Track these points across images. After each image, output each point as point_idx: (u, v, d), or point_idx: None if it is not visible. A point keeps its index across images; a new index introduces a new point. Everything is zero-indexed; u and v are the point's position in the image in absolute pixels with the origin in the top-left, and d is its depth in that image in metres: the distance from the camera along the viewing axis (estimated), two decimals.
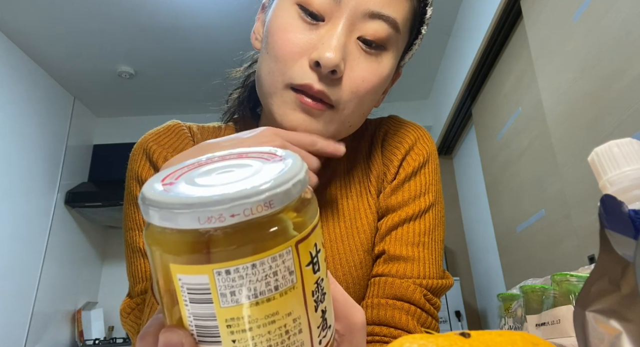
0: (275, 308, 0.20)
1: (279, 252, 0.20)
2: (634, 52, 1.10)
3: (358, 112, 0.55)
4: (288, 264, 0.20)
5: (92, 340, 2.70)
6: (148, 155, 0.59)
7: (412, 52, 0.62)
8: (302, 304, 0.21)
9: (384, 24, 0.52)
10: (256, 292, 0.20)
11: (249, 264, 0.19)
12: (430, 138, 0.66)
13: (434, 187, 0.61)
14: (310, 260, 0.21)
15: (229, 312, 0.20)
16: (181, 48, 2.63)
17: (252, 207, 0.18)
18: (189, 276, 0.19)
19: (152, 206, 0.19)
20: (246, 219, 0.18)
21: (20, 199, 2.47)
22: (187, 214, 0.18)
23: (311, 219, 0.22)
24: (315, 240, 0.22)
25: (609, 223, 0.27)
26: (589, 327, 0.28)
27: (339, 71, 0.50)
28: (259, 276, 0.19)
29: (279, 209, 0.19)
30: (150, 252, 0.21)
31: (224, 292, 0.19)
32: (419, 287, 0.55)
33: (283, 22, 0.52)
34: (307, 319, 0.21)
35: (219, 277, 0.19)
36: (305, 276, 0.21)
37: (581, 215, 1.37)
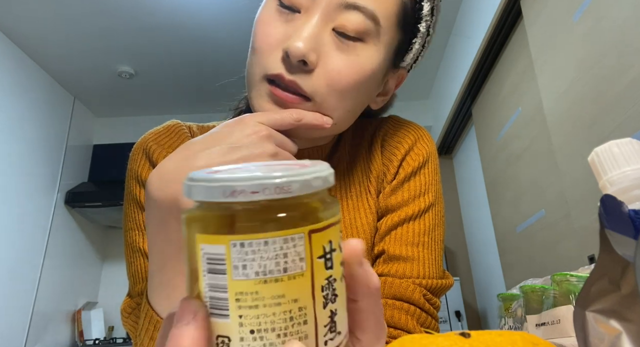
0: (282, 290, 0.21)
1: (291, 235, 0.21)
2: (634, 52, 1.10)
3: (341, 108, 0.53)
4: (299, 250, 0.21)
5: (92, 340, 2.70)
6: (148, 155, 0.59)
7: (413, 53, 0.59)
8: (310, 295, 0.22)
9: (361, 15, 0.51)
10: (265, 270, 0.21)
11: (262, 240, 0.21)
12: (430, 138, 0.65)
13: (433, 187, 0.61)
14: (323, 254, 0.22)
15: (239, 285, 0.21)
16: (181, 48, 2.63)
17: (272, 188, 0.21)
18: (210, 245, 0.21)
19: (190, 182, 0.22)
20: (265, 198, 0.21)
21: (20, 199, 2.47)
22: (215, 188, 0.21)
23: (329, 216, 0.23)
24: (331, 238, 0.23)
25: (609, 223, 0.27)
26: (589, 327, 0.28)
27: (309, 62, 0.49)
28: (270, 254, 0.21)
29: (298, 195, 0.21)
30: (185, 230, 0.23)
31: (237, 265, 0.21)
32: (418, 287, 0.55)
33: (263, 16, 0.53)
34: (313, 312, 0.22)
35: (234, 249, 0.21)
36: (316, 268, 0.22)
37: (581, 215, 1.37)
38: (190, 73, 2.87)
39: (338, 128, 0.56)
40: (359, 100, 0.55)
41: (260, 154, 0.45)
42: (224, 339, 0.21)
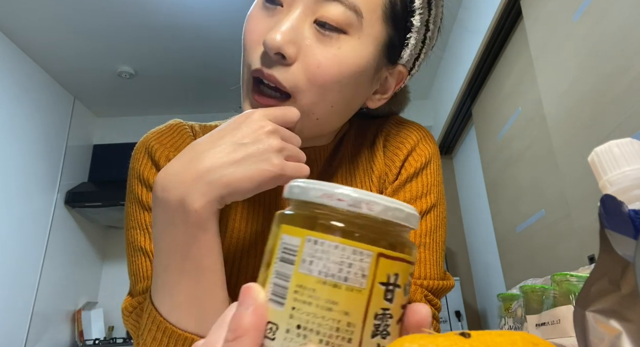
0: (337, 297, 0.22)
1: (360, 249, 0.22)
2: (634, 52, 1.10)
3: (323, 104, 0.52)
4: (364, 265, 0.22)
5: (92, 340, 2.70)
6: (150, 154, 0.59)
7: (410, 49, 0.57)
8: (362, 315, 0.22)
9: (341, 7, 0.49)
10: (327, 272, 0.22)
11: (333, 243, 0.22)
12: (432, 139, 0.65)
13: (435, 188, 0.61)
14: (386, 282, 0.23)
15: (301, 278, 0.22)
16: (181, 48, 2.63)
17: (357, 203, 0.23)
18: (289, 236, 0.23)
19: (293, 184, 0.25)
20: (348, 208, 0.23)
21: (20, 199, 2.47)
22: (311, 190, 0.23)
23: (402, 252, 0.24)
24: (398, 272, 0.23)
25: (609, 223, 0.27)
26: (589, 327, 0.28)
27: (286, 55, 0.49)
28: (337, 258, 0.22)
29: (378, 217, 0.23)
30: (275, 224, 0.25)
31: (305, 258, 0.22)
32: (419, 288, 0.55)
33: (251, 13, 0.54)
34: (360, 335, 0.22)
35: (308, 244, 0.23)
36: (375, 292, 0.22)
37: (581, 215, 1.37)
38: (191, 73, 2.87)
39: (323, 125, 0.55)
40: (345, 96, 0.53)
41: (267, 150, 0.45)
42: (273, 326, 0.23)
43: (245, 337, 0.22)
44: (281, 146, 0.46)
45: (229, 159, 0.44)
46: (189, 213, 0.44)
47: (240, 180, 0.44)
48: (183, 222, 0.44)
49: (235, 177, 0.44)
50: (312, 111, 0.52)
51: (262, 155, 0.45)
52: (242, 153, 0.45)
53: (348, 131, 0.66)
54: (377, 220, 0.23)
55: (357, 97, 0.56)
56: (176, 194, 0.44)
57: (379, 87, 0.59)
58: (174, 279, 0.46)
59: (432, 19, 0.58)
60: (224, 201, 0.45)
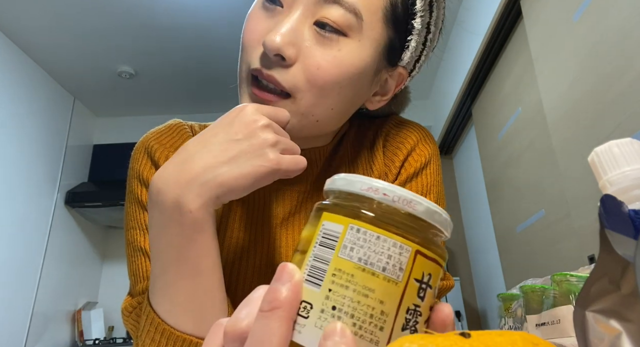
0: (374, 285, 0.23)
1: (400, 243, 0.23)
2: (634, 52, 1.09)
3: (323, 105, 0.52)
4: (402, 259, 0.23)
5: (92, 340, 2.70)
6: (149, 154, 0.59)
7: (410, 51, 0.57)
8: (396, 307, 0.23)
9: (341, 9, 0.49)
10: (367, 260, 0.23)
11: (375, 233, 0.23)
12: (432, 139, 0.64)
13: (435, 188, 0.61)
14: (420, 279, 0.24)
15: (341, 262, 0.23)
16: (181, 48, 2.63)
17: (402, 200, 0.24)
18: (331, 223, 0.24)
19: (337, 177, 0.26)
20: (393, 204, 0.24)
21: (20, 199, 2.47)
22: (357, 183, 0.25)
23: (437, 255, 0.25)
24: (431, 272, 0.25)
25: (609, 223, 0.27)
26: (589, 327, 0.28)
27: (285, 56, 0.49)
28: (377, 248, 0.23)
29: (419, 216, 0.24)
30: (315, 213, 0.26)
31: (346, 245, 0.23)
32: None
33: (250, 12, 0.54)
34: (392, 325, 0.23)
35: (350, 232, 0.24)
36: (410, 287, 0.23)
37: (581, 215, 1.37)
38: (191, 73, 2.86)
39: (322, 125, 0.55)
40: (344, 97, 0.53)
41: (261, 145, 0.45)
42: (307, 305, 0.23)
43: (281, 310, 0.23)
44: (276, 140, 0.46)
45: (223, 158, 0.44)
46: (184, 215, 0.44)
47: (235, 178, 0.44)
48: (179, 224, 0.44)
49: (230, 176, 0.44)
50: (311, 112, 0.52)
51: (256, 151, 0.44)
52: (235, 150, 0.44)
53: (348, 131, 0.66)
54: (418, 219, 0.24)
55: (356, 99, 0.56)
56: (171, 196, 0.44)
57: (378, 88, 0.59)
58: (171, 281, 0.46)
59: (433, 21, 0.58)
60: (219, 201, 0.45)
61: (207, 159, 0.44)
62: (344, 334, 0.22)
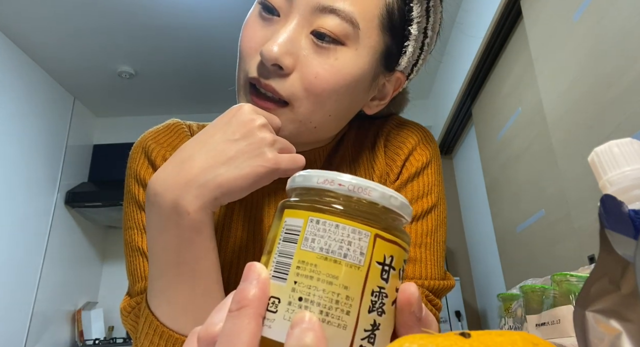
0: (337, 272, 0.24)
1: (359, 229, 0.24)
2: (634, 52, 1.09)
3: (320, 112, 0.52)
4: (362, 244, 0.24)
5: (92, 340, 2.70)
6: (147, 153, 0.59)
7: (407, 56, 0.57)
8: (360, 290, 0.24)
9: (337, 19, 0.50)
10: (329, 248, 0.24)
11: (334, 222, 0.24)
12: (433, 139, 0.65)
13: (436, 188, 0.61)
14: (382, 262, 0.25)
15: (304, 254, 0.24)
16: (181, 48, 2.63)
17: (356, 188, 0.25)
18: (293, 218, 0.25)
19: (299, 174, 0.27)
20: (347, 193, 0.25)
21: (20, 199, 2.47)
22: (313, 177, 0.26)
23: (398, 237, 0.26)
24: (393, 255, 0.25)
25: (609, 223, 0.27)
26: (589, 327, 0.28)
27: (283, 66, 0.49)
28: (337, 236, 0.24)
29: (374, 201, 0.25)
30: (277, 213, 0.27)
31: (308, 237, 0.24)
32: (420, 288, 0.55)
33: (247, 20, 0.54)
34: (358, 309, 0.24)
35: (310, 224, 0.24)
36: (372, 270, 0.24)
37: (581, 215, 1.37)
38: (190, 73, 2.86)
39: (320, 132, 0.55)
40: (342, 104, 0.53)
41: (259, 144, 0.45)
42: (275, 299, 0.24)
43: (248, 308, 0.23)
44: (273, 139, 0.46)
45: (221, 159, 0.44)
46: (182, 217, 0.43)
47: (234, 179, 0.43)
48: (177, 226, 0.44)
49: (229, 177, 0.43)
50: (309, 120, 0.52)
51: (254, 150, 0.44)
52: (233, 150, 0.44)
53: (348, 132, 0.66)
54: (373, 205, 0.25)
55: (354, 105, 0.56)
56: (169, 198, 0.43)
57: (376, 93, 0.59)
58: (170, 283, 0.45)
59: (430, 26, 0.58)
60: (218, 202, 0.44)
61: (205, 160, 0.44)
62: (311, 320, 0.22)
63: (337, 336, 0.23)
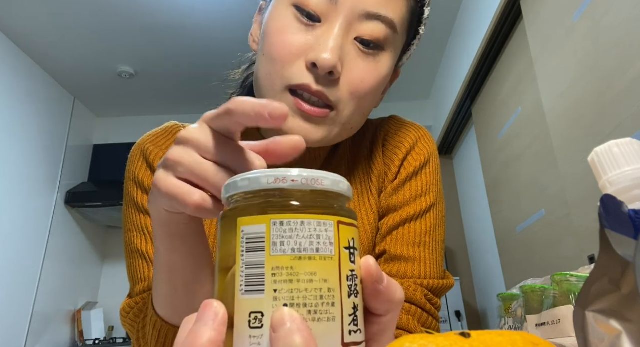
0: (314, 268, 0.23)
1: (324, 220, 0.24)
2: (634, 52, 1.10)
3: (358, 113, 0.55)
4: (330, 235, 0.24)
5: (92, 340, 2.70)
6: (145, 156, 0.59)
7: (409, 53, 0.62)
8: (337, 279, 0.24)
9: (381, 25, 0.52)
10: (300, 247, 0.23)
11: (299, 220, 0.24)
12: (431, 138, 0.65)
13: (435, 187, 0.61)
14: (348, 246, 0.25)
15: (276, 260, 0.23)
16: (181, 48, 2.62)
17: (308, 179, 0.24)
18: (251, 226, 0.24)
19: (237, 178, 0.25)
20: (302, 187, 0.24)
21: (20, 199, 2.47)
22: (260, 177, 0.24)
23: (352, 219, 0.26)
24: (354, 235, 0.26)
25: (609, 223, 0.27)
26: (589, 327, 0.28)
27: (336, 72, 0.50)
28: (305, 233, 0.24)
29: (328, 190, 0.25)
30: (220, 223, 0.25)
31: (275, 241, 0.23)
32: (419, 287, 0.55)
33: (280, 24, 0.52)
34: (340, 297, 0.24)
35: (274, 227, 0.23)
36: (342, 256, 0.24)
37: (581, 215, 1.37)
38: (190, 73, 2.86)
39: (353, 130, 0.58)
40: (373, 102, 0.57)
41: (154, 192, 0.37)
42: (257, 314, 0.23)
43: None
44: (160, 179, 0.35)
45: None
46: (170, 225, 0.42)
47: None
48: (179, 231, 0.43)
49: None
50: (349, 121, 0.55)
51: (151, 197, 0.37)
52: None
53: None
54: (328, 193, 0.25)
55: (377, 101, 0.59)
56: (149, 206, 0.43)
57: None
58: (175, 288, 0.45)
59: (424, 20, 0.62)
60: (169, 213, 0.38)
61: None
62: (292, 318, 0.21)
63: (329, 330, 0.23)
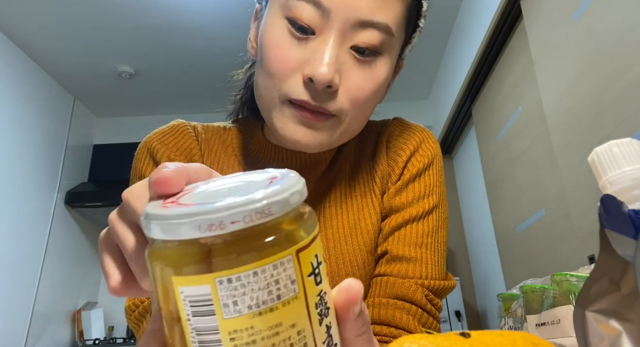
0: (278, 319, 0.20)
1: (280, 260, 0.20)
2: (634, 52, 1.10)
3: (361, 117, 0.56)
4: (289, 273, 0.20)
5: (92, 340, 2.70)
6: (152, 154, 0.59)
7: (411, 45, 0.61)
8: (306, 316, 0.21)
9: (376, 31, 0.51)
10: (259, 302, 0.20)
11: (250, 271, 0.19)
12: (435, 140, 0.66)
13: (438, 189, 0.61)
14: (312, 271, 0.21)
15: (232, 323, 0.19)
16: (181, 48, 2.62)
17: (252, 214, 0.19)
18: (191, 287, 0.19)
19: (153, 220, 0.20)
20: (246, 226, 0.19)
21: (20, 199, 2.47)
22: (188, 224, 0.19)
23: (311, 230, 0.22)
24: (316, 251, 0.22)
25: (609, 223, 0.27)
26: (589, 327, 0.28)
27: (334, 85, 0.50)
28: (261, 284, 0.20)
29: (278, 217, 0.20)
30: (152, 270, 0.21)
31: (227, 302, 0.19)
32: (420, 288, 0.55)
33: (274, 38, 0.52)
34: (311, 332, 0.21)
35: (221, 287, 0.19)
36: (308, 287, 0.21)
37: (581, 215, 1.37)
38: (190, 73, 2.87)
39: (356, 132, 0.58)
40: (374, 103, 0.58)
41: None
42: None
43: None
44: None
45: None
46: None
47: None
48: None
49: None
50: (351, 126, 0.55)
51: None
52: None
53: None
54: (279, 221, 0.20)
55: (379, 100, 0.59)
56: None
57: None
58: None
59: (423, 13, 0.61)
60: None
61: None
62: None
63: None
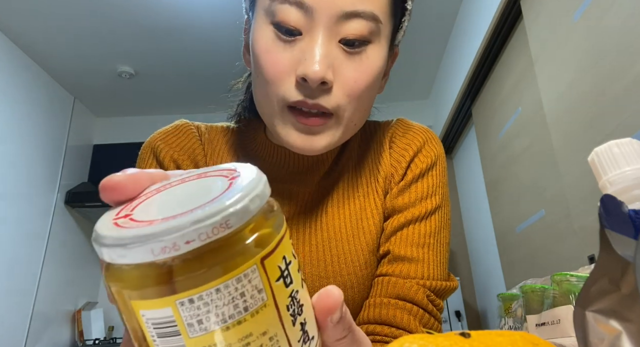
0: (248, 330, 0.19)
1: (243, 272, 0.19)
2: (634, 52, 1.10)
3: (360, 110, 0.55)
4: (255, 283, 0.19)
5: (92, 340, 2.70)
6: (155, 154, 0.59)
7: (403, 30, 0.60)
8: (277, 320, 0.20)
9: (363, 21, 0.50)
10: (225, 317, 0.19)
11: (212, 289, 0.18)
12: (438, 141, 0.66)
13: (440, 190, 0.61)
14: (280, 274, 0.21)
15: (199, 341, 0.19)
16: (181, 48, 2.62)
17: (208, 230, 0.18)
18: (152, 310, 0.19)
19: (104, 245, 0.19)
20: (202, 243, 0.18)
21: (20, 199, 2.47)
22: (141, 247, 0.18)
23: (276, 232, 0.21)
24: (284, 252, 0.21)
25: (609, 223, 0.27)
26: (589, 327, 0.28)
27: (328, 81, 0.50)
28: (225, 299, 0.19)
29: (238, 227, 0.19)
30: (111, 292, 0.20)
31: (191, 322, 0.19)
32: (422, 288, 0.55)
33: (263, 45, 0.52)
34: (284, 335, 0.21)
35: (183, 308, 0.18)
36: (277, 292, 0.20)
37: (581, 215, 1.37)
38: (190, 73, 2.87)
39: (358, 125, 0.58)
40: (372, 95, 0.57)
41: None
42: None
43: None
44: None
45: None
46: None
47: None
48: None
49: None
50: (352, 121, 0.54)
51: None
52: None
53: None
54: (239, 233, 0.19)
55: (377, 90, 0.59)
56: None
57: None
58: None
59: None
60: None
61: None
62: None
63: None
